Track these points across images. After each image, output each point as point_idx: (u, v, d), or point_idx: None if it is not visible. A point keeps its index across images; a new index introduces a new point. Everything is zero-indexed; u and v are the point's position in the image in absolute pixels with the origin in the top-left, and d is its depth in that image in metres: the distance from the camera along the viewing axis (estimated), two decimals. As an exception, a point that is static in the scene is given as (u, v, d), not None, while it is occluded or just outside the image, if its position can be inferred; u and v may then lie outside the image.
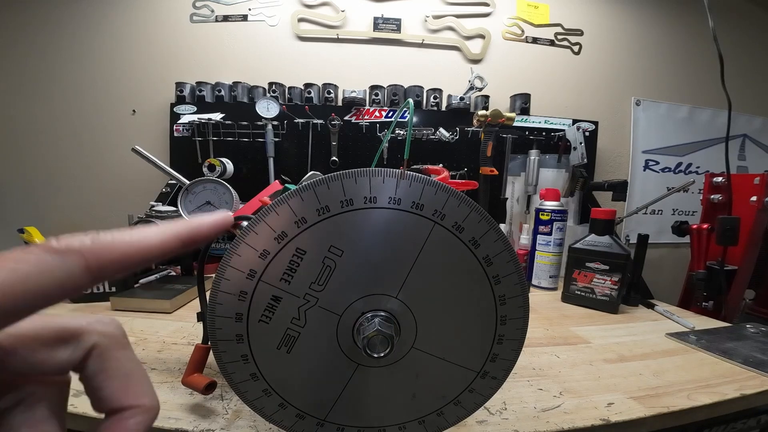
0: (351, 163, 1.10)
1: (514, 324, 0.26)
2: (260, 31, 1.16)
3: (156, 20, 1.15)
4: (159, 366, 0.42)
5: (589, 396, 0.39)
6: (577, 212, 1.09)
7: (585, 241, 0.73)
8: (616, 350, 0.52)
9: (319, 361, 0.25)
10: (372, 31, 1.17)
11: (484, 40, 1.21)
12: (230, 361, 0.24)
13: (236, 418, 0.33)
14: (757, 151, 1.42)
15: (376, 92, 1.11)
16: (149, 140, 1.13)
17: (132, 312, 0.60)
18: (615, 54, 1.30)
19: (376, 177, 0.23)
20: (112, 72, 1.15)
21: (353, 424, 0.27)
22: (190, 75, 1.13)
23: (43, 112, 1.16)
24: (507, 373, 0.27)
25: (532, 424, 0.34)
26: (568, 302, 0.75)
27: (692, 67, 1.34)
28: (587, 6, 1.26)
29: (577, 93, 1.28)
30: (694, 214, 1.35)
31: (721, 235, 0.77)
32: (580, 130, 1.05)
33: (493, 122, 0.90)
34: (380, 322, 0.24)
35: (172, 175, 0.82)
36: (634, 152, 1.32)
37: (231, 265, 0.23)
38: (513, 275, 0.25)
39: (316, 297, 0.24)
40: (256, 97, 1.09)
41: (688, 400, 0.39)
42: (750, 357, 0.49)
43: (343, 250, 0.23)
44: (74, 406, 0.33)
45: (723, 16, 1.32)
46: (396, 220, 0.23)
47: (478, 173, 0.90)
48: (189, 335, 0.52)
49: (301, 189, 0.22)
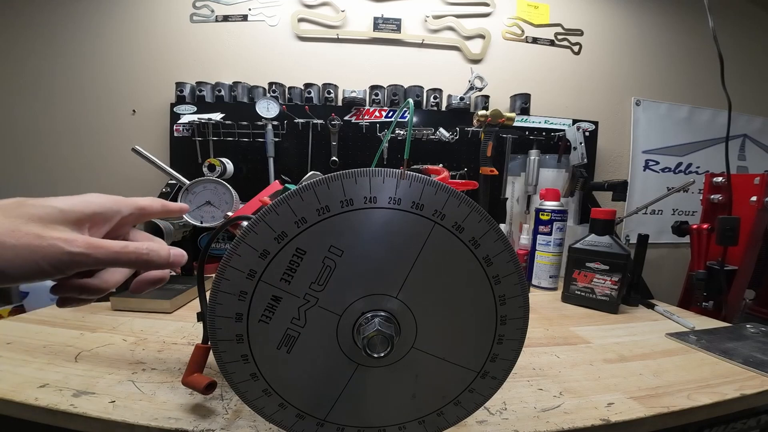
0: (351, 163, 1.10)
1: (514, 324, 0.26)
2: (260, 31, 1.16)
3: (156, 20, 1.15)
4: (159, 366, 0.42)
5: (589, 396, 0.39)
6: (577, 212, 1.09)
7: (585, 241, 0.73)
8: (616, 350, 0.52)
9: (319, 361, 0.25)
10: (372, 31, 1.17)
11: (484, 40, 1.21)
12: (230, 361, 0.24)
13: (236, 418, 0.33)
14: (757, 151, 1.42)
15: (376, 92, 1.11)
16: (149, 140, 1.14)
17: (132, 312, 0.60)
18: (615, 54, 1.30)
19: (376, 177, 0.23)
20: (112, 72, 1.15)
21: (353, 424, 0.27)
22: (190, 75, 1.13)
23: (43, 112, 1.16)
24: (507, 373, 0.27)
25: (532, 424, 0.34)
26: (568, 302, 0.75)
27: (692, 67, 1.34)
28: (587, 6, 1.26)
29: (577, 93, 1.28)
30: (694, 214, 1.35)
31: (721, 235, 0.77)
32: (580, 130, 1.05)
33: (493, 122, 0.90)
34: (380, 322, 0.24)
35: (172, 175, 0.82)
36: (634, 152, 1.32)
37: (231, 265, 0.23)
38: (513, 275, 0.25)
39: (316, 297, 0.24)
40: (256, 97, 1.09)
41: (688, 400, 0.39)
42: (750, 357, 0.49)
43: (343, 250, 0.23)
44: (74, 407, 0.33)
45: (723, 16, 1.32)
46: (396, 220, 0.23)
47: (478, 173, 0.90)
48: (189, 335, 0.52)
49: (301, 189, 0.22)
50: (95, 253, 0.21)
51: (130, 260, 0.23)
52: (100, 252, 0.22)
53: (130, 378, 0.39)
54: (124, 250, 0.23)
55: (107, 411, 0.33)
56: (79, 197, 0.23)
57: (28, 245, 0.20)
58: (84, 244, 0.21)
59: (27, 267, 0.19)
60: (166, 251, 0.25)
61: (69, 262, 0.21)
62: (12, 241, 0.19)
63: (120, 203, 0.26)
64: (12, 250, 0.19)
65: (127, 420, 0.32)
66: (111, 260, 0.22)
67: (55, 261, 0.20)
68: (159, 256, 0.24)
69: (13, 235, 0.19)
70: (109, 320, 0.56)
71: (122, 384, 0.38)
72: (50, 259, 0.20)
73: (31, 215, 0.20)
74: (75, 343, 0.47)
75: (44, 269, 0.20)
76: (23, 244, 0.19)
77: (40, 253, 0.20)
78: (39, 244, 0.20)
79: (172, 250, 0.25)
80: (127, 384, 0.38)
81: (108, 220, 0.25)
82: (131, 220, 0.28)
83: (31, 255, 0.19)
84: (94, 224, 0.24)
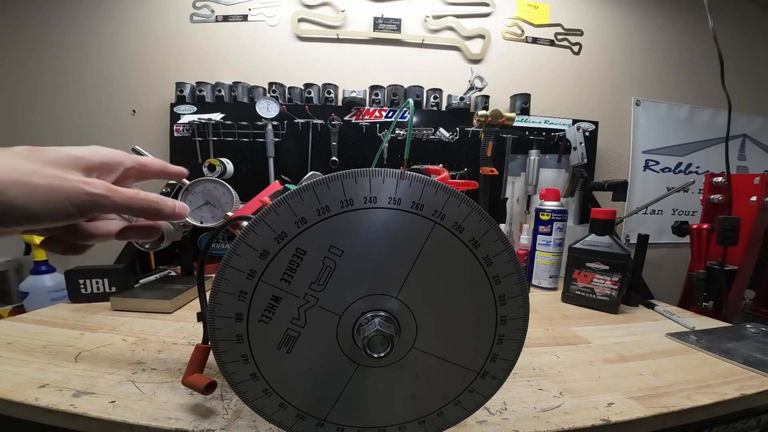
0: (351, 163, 1.10)
1: (514, 324, 0.26)
2: (260, 31, 1.16)
3: (156, 20, 1.15)
4: (159, 366, 0.42)
5: (589, 396, 0.39)
6: (577, 212, 1.09)
7: (585, 241, 0.73)
8: (616, 350, 0.52)
9: (319, 361, 0.25)
10: (372, 31, 1.17)
11: (484, 40, 1.21)
12: (230, 361, 0.24)
13: (236, 418, 0.33)
14: (757, 151, 1.42)
15: (376, 92, 1.11)
16: (149, 140, 1.13)
17: (132, 312, 0.60)
18: (615, 54, 1.30)
19: (376, 177, 0.23)
20: (113, 72, 1.15)
21: (353, 424, 0.27)
22: (190, 75, 1.13)
23: (43, 112, 1.16)
24: (507, 373, 0.27)
25: (532, 424, 0.34)
26: (568, 302, 0.75)
27: (692, 67, 1.34)
28: (587, 6, 1.26)
29: (577, 93, 1.28)
30: (694, 214, 1.35)
31: (721, 235, 0.77)
32: (580, 130, 1.05)
33: (493, 122, 0.90)
34: (380, 322, 0.24)
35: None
36: (634, 152, 1.32)
37: (231, 265, 0.23)
38: (513, 275, 0.25)
39: (316, 297, 0.24)
40: (256, 97, 1.09)
41: (688, 400, 0.39)
42: (750, 357, 0.49)
43: (343, 250, 0.23)
44: (74, 407, 0.33)
45: (723, 16, 1.32)
46: (396, 220, 0.23)
47: (478, 173, 0.90)
48: (189, 335, 0.52)
49: (301, 189, 0.22)
50: (113, 195, 0.23)
51: (142, 207, 0.25)
52: (117, 195, 0.23)
53: (130, 378, 0.39)
54: (136, 197, 0.24)
55: (107, 411, 0.33)
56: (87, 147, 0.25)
57: (53, 186, 0.20)
58: (103, 187, 0.23)
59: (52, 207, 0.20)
60: (172, 202, 0.27)
61: (90, 203, 0.22)
62: (37, 181, 0.20)
63: (124, 155, 0.28)
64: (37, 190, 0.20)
65: (127, 420, 0.32)
66: (126, 204, 0.24)
67: (78, 201, 0.21)
68: (167, 205, 0.26)
69: (37, 176, 0.20)
70: (109, 320, 0.57)
71: (122, 384, 0.38)
72: (74, 199, 0.21)
73: (48, 158, 0.21)
74: (75, 343, 0.47)
75: (68, 210, 0.21)
76: (48, 184, 0.20)
77: (65, 193, 0.21)
78: (62, 185, 0.21)
79: (177, 203, 0.28)
80: (127, 384, 0.38)
81: (113, 170, 0.26)
82: (133, 175, 0.29)
83: (56, 195, 0.20)
84: (101, 173, 0.25)
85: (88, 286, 0.64)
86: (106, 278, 0.65)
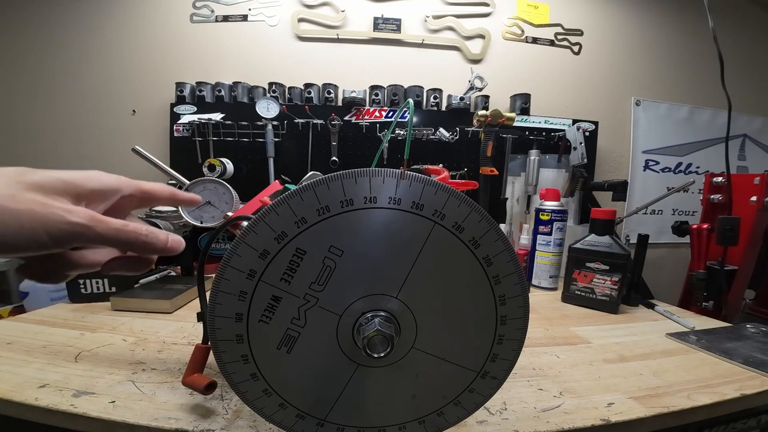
0: (351, 163, 1.10)
1: (514, 324, 0.26)
2: (260, 31, 1.16)
3: (156, 20, 1.15)
4: (159, 366, 0.42)
5: (589, 396, 0.39)
6: (577, 212, 1.09)
7: (585, 241, 0.73)
8: (616, 350, 0.52)
9: (319, 361, 0.25)
10: (372, 31, 1.17)
11: (484, 40, 1.21)
12: (230, 361, 0.24)
13: (236, 418, 0.33)
14: (757, 151, 1.42)
15: (376, 92, 1.11)
16: (149, 140, 1.13)
17: (132, 312, 0.60)
18: (615, 54, 1.30)
19: (376, 177, 0.23)
20: (113, 72, 1.15)
21: (353, 424, 0.27)
22: (190, 75, 1.13)
23: (43, 112, 1.16)
24: (507, 373, 0.27)
25: (532, 424, 0.34)
26: (568, 302, 0.75)
27: (692, 67, 1.34)
28: (587, 6, 1.26)
29: (577, 93, 1.28)
30: (694, 214, 1.35)
31: (721, 235, 0.77)
32: (580, 130, 1.05)
33: (493, 122, 0.90)
34: (380, 322, 0.24)
35: (172, 175, 0.82)
36: (634, 152, 1.32)
37: (231, 265, 0.23)
38: (513, 275, 0.25)
39: (316, 297, 0.24)
40: (256, 97, 1.09)
41: (688, 400, 0.39)
42: (750, 357, 0.49)
43: (343, 250, 0.23)
44: (74, 407, 0.33)
45: (723, 16, 1.32)
46: (396, 220, 0.23)
47: (478, 173, 0.90)
48: (189, 335, 0.52)
49: (301, 189, 0.22)
50: (96, 226, 0.21)
51: (129, 239, 0.22)
52: (101, 226, 0.21)
53: (130, 378, 0.39)
54: (124, 228, 0.22)
55: (107, 411, 0.33)
56: (81, 172, 0.23)
57: (30, 211, 0.19)
58: (86, 216, 0.21)
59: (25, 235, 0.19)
60: (165, 236, 0.25)
61: (69, 233, 0.20)
62: (13, 206, 0.19)
63: (121, 182, 0.25)
64: (11, 216, 0.18)
65: (127, 420, 0.32)
66: (110, 237, 0.22)
67: (55, 231, 0.20)
68: (157, 239, 0.24)
69: (14, 200, 0.19)
70: (109, 320, 0.56)
71: (122, 384, 0.38)
72: (50, 228, 0.19)
73: (33, 182, 0.20)
74: (75, 343, 0.47)
75: (41, 240, 0.19)
76: (24, 209, 0.19)
77: (41, 221, 0.19)
78: (41, 211, 0.19)
79: (170, 236, 0.25)
80: (127, 384, 0.38)
81: (107, 197, 0.24)
82: (132, 203, 0.27)
83: (30, 222, 0.19)
84: (91, 201, 0.23)
85: (88, 286, 0.64)
86: (106, 278, 0.65)
